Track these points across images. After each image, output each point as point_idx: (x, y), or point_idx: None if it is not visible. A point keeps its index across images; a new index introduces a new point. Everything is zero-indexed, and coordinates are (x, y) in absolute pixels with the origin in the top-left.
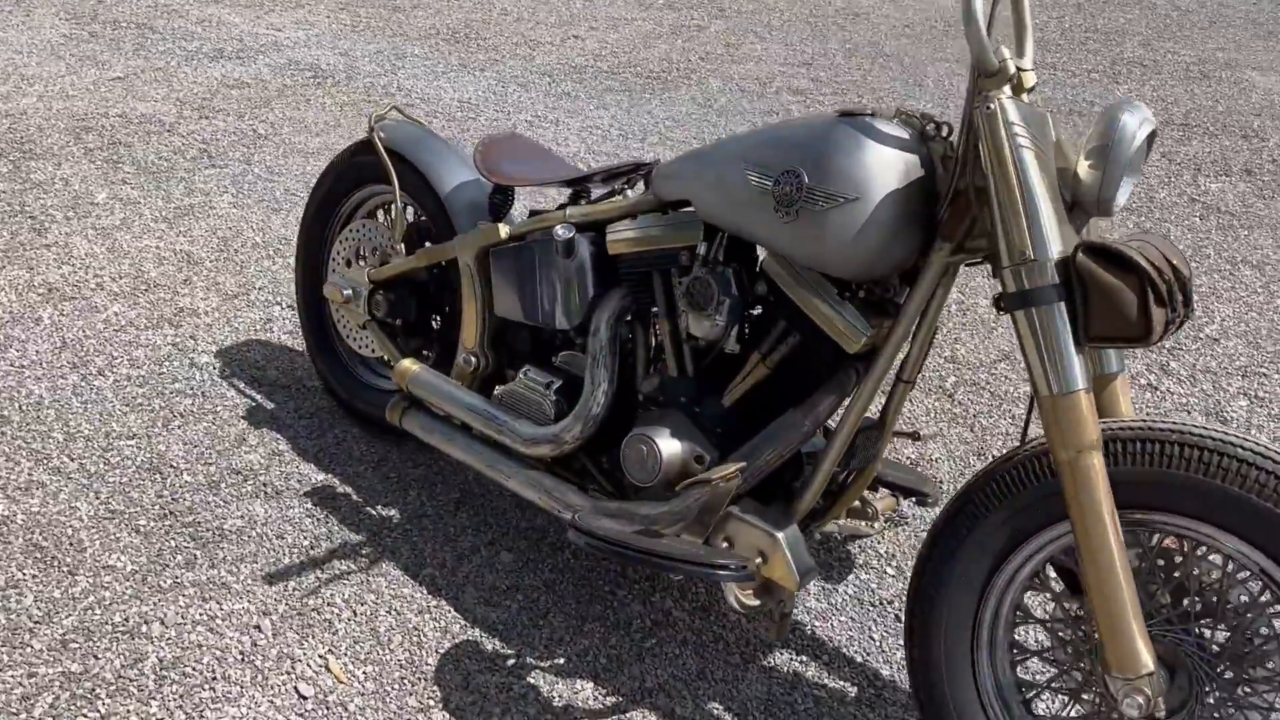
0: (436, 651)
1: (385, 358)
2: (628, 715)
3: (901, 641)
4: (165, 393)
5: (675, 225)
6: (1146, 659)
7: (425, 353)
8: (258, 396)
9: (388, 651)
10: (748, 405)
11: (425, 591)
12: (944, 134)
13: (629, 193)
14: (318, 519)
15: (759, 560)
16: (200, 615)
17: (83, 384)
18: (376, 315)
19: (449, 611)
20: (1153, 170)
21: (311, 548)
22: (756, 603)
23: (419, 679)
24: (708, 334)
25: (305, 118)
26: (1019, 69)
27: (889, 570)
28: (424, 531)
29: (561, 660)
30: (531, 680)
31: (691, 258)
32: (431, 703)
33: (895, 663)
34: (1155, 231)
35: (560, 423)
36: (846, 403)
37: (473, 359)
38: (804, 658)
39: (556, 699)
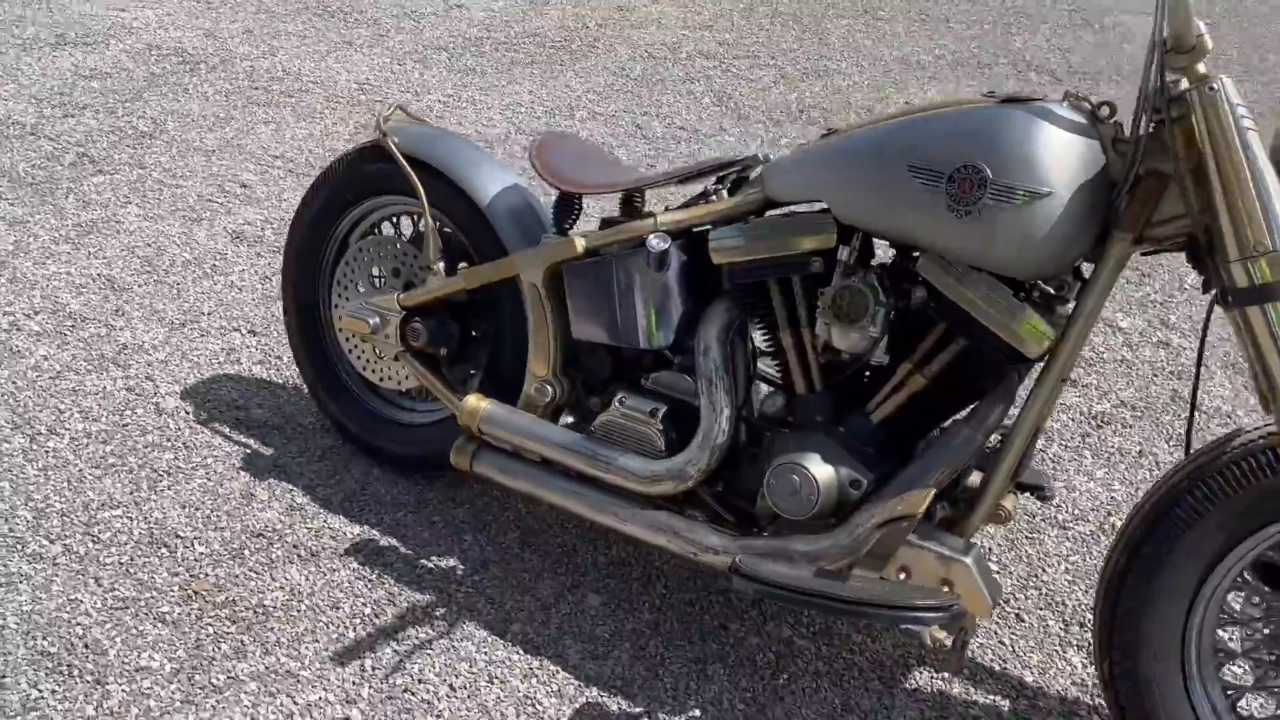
0: None
1: (410, 390)
2: None
3: (1032, 644)
4: (138, 448)
5: (802, 229)
6: None
7: (464, 382)
8: (250, 441)
9: None
10: (895, 420)
11: (522, 652)
12: (1111, 116)
13: (723, 194)
14: (370, 581)
15: (944, 588)
16: (273, 714)
17: (34, 447)
18: (414, 345)
19: (557, 672)
20: None
21: (375, 615)
22: (943, 634)
23: None
24: (854, 346)
25: (189, 110)
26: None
27: (992, 566)
28: (496, 581)
29: (697, 711)
30: None
31: (826, 263)
32: None
33: (1033, 667)
34: None
35: (682, 454)
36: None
37: (548, 388)
38: (944, 674)
39: None
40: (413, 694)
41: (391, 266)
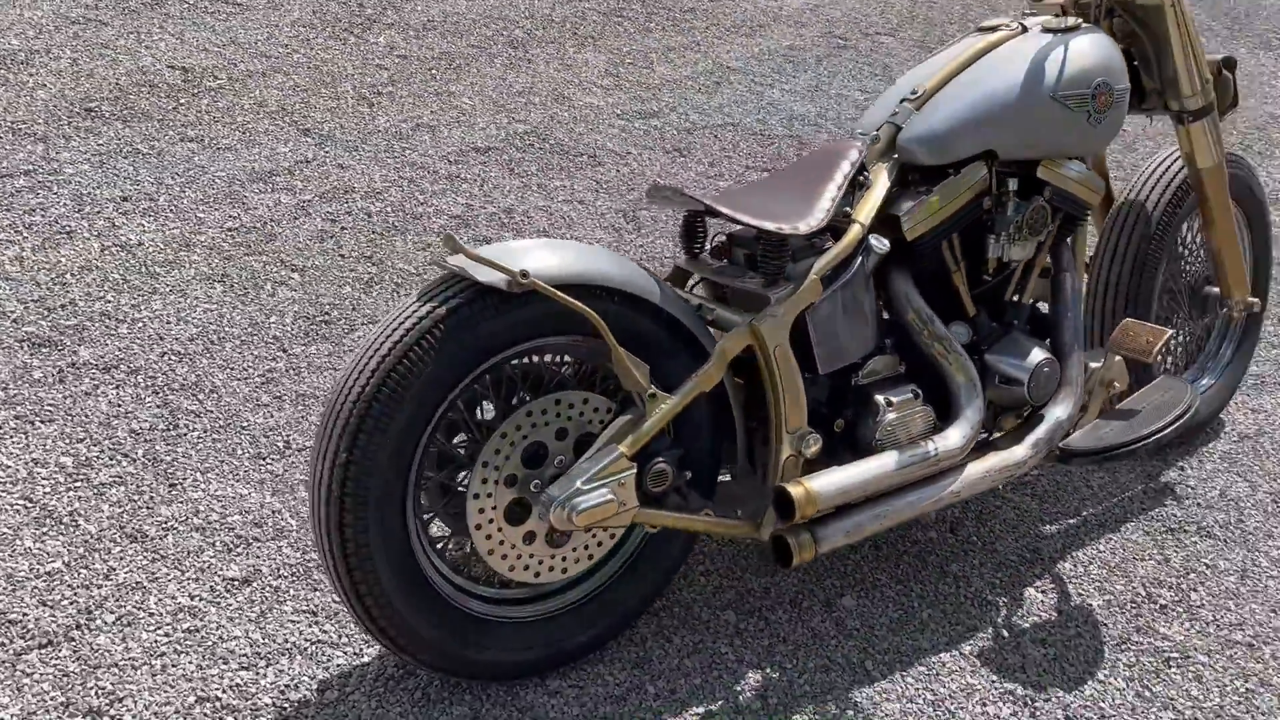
0: None
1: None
2: None
3: None
4: None
5: (969, 180)
6: None
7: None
8: None
9: None
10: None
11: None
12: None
13: (869, 179)
14: None
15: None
16: None
17: None
18: (663, 486)
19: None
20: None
21: None
22: None
23: None
24: (1025, 254)
25: None
26: None
27: None
28: (823, 673)
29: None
30: None
31: (995, 200)
32: None
33: None
34: None
35: (971, 408)
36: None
37: (809, 437)
38: None
39: None
40: None
41: (556, 429)
